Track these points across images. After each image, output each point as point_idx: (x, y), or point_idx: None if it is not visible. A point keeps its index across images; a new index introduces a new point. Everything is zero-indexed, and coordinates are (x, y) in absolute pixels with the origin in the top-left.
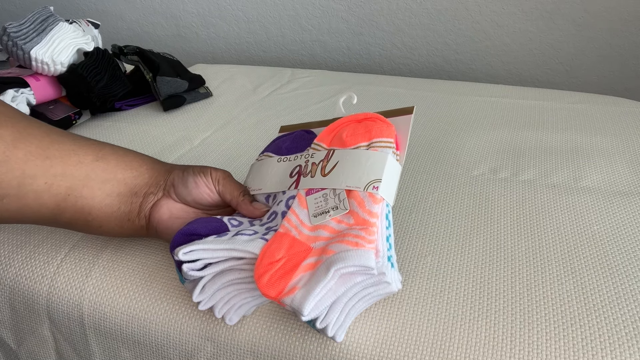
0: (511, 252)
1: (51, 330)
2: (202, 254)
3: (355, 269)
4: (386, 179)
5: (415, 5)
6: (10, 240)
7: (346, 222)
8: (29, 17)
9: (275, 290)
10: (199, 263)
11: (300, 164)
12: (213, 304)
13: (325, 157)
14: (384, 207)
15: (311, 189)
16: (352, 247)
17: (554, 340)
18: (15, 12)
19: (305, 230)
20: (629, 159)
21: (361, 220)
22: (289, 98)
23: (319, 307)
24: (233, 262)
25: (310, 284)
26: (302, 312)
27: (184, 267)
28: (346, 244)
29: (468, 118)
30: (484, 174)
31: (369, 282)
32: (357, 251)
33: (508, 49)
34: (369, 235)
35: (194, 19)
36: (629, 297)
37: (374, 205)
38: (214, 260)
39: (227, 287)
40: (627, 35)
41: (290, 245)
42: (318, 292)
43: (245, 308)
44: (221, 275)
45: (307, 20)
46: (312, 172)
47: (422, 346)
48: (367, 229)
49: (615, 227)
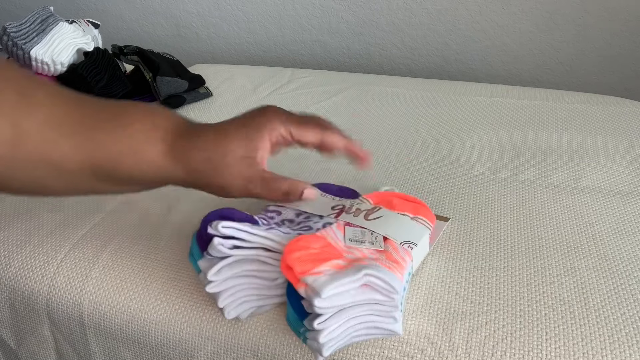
0: (511, 252)
1: (51, 330)
2: (239, 234)
3: (381, 284)
4: (419, 248)
5: (415, 5)
6: (10, 240)
7: (378, 256)
8: (29, 17)
9: (302, 267)
10: (229, 243)
11: (344, 204)
12: (221, 290)
13: (371, 209)
14: (410, 265)
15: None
16: (384, 267)
17: (554, 340)
18: (15, 12)
19: (340, 243)
20: (629, 159)
21: (393, 258)
22: (289, 98)
23: (333, 300)
24: (261, 252)
25: (336, 275)
26: (321, 293)
27: (216, 240)
28: (380, 264)
29: (468, 118)
30: (484, 174)
31: (382, 308)
32: (388, 272)
33: (508, 49)
34: (400, 269)
35: (194, 19)
36: (629, 297)
37: (406, 256)
38: (245, 244)
39: (240, 277)
40: (627, 35)
41: (325, 246)
42: (343, 284)
43: (246, 307)
44: (241, 262)
45: (307, 20)
46: (355, 213)
47: (422, 346)
48: (399, 266)
49: (615, 227)
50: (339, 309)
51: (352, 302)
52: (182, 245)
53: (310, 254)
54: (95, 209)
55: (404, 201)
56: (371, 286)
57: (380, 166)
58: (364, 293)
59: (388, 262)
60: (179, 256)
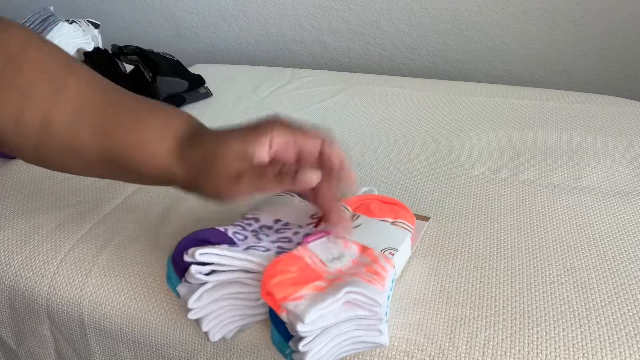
0: (511, 252)
1: (51, 330)
2: (217, 259)
3: (364, 300)
4: (400, 253)
5: (415, 5)
6: (10, 240)
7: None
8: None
9: (282, 293)
10: (207, 268)
11: None
12: (203, 315)
13: (350, 218)
14: (392, 272)
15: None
16: (366, 283)
17: (554, 340)
18: (15, 12)
19: (317, 261)
20: (629, 159)
21: (373, 270)
22: (289, 98)
23: (316, 323)
24: (240, 274)
25: (317, 298)
26: (304, 319)
27: (193, 268)
28: (360, 278)
29: (468, 118)
30: (484, 174)
31: (367, 323)
32: (369, 286)
33: (508, 49)
34: (380, 280)
35: (194, 19)
36: (629, 297)
37: (387, 264)
38: (224, 268)
39: (222, 300)
40: (627, 35)
41: (303, 267)
42: (324, 306)
43: (231, 327)
44: (222, 286)
45: (307, 20)
46: None
47: (422, 346)
48: (380, 278)
49: (615, 227)
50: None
51: (335, 322)
52: None
53: (289, 278)
54: (95, 209)
55: (382, 204)
56: (354, 303)
57: (380, 166)
58: (347, 311)
59: (368, 276)
60: None
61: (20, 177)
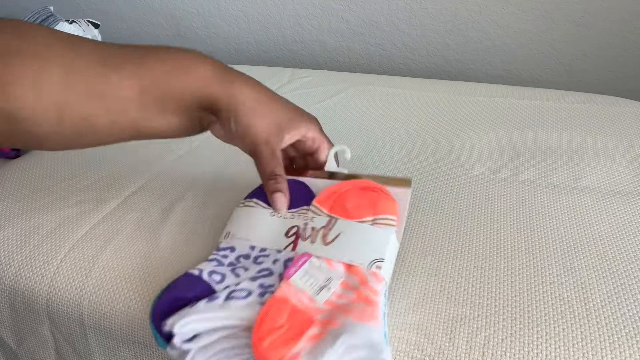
0: (511, 252)
1: (51, 330)
2: (198, 325)
3: (361, 343)
4: (388, 259)
5: (415, 5)
6: (10, 240)
7: (347, 297)
8: (28, 17)
9: (277, 355)
10: (190, 331)
11: (297, 225)
12: None
13: (327, 224)
14: (384, 289)
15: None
16: (359, 321)
17: (554, 340)
18: (15, 12)
19: (305, 300)
20: (629, 159)
21: (364, 297)
22: (289, 98)
23: None
24: (228, 331)
25: (315, 353)
26: None
27: (176, 339)
28: (353, 317)
29: (468, 118)
30: (484, 174)
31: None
32: (364, 325)
33: (508, 49)
34: (374, 312)
35: (194, 19)
36: (629, 297)
37: (377, 283)
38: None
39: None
40: (627, 35)
41: (292, 314)
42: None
43: None
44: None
45: (307, 20)
46: (312, 237)
47: (422, 346)
48: (372, 305)
49: (615, 227)
50: None
51: None
52: (182, 245)
53: (280, 336)
54: (95, 209)
55: (358, 194)
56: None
57: (380, 166)
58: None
59: (361, 306)
60: (179, 256)
61: (20, 177)
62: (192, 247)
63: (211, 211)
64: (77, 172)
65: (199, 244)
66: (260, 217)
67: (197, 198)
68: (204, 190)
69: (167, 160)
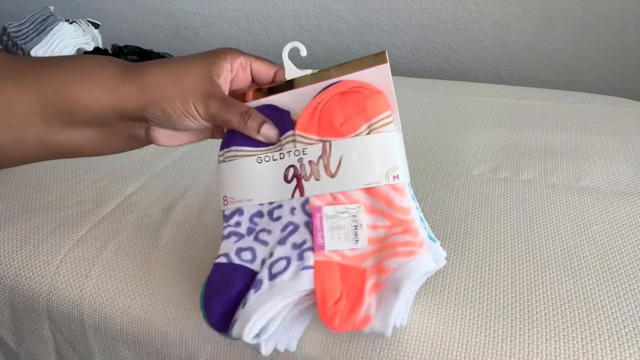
0: (511, 252)
1: (51, 330)
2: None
3: (420, 276)
4: (401, 160)
5: (415, 5)
6: (10, 240)
7: (382, 225)
8: (29, 17)
9: (350, 325)
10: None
11: (292, 164)
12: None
13: (322, 151)
14: (408, 189)
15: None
16: (409, 258)
17: (554, 340)
18: (15, 12)
19: (347, 252)
20: (629, 159)
21: (398, 221)
22: None
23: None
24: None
25: (384, 309)
26: (386, 334)
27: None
28: (401, 257)
29: (468, 118)
30: (484, 174)
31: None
32: (415, 261)
33: (508, 49)
34: (415, 238)
35: (194, 19)
36: (629, 297)
37: (402, 198)
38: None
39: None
40: (627, 35)
41: (342, 274)
42: (396, 314)
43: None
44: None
45: (307, 20)
46: (314, 173)
47: (422, 346)
48: (411, 230)
49: (615, 227)
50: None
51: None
52: (182, 245)
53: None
54: (95, 209)
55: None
56: None
57: None
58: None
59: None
60: (179, 256)
61: (20, 176)
62: (192, 247)
63: (211, 211)
64: (77, 172)
65: (199, 244)
66: (249, 169)
67: (196, 198)
68: (203, 190)
69: (167, 160)
